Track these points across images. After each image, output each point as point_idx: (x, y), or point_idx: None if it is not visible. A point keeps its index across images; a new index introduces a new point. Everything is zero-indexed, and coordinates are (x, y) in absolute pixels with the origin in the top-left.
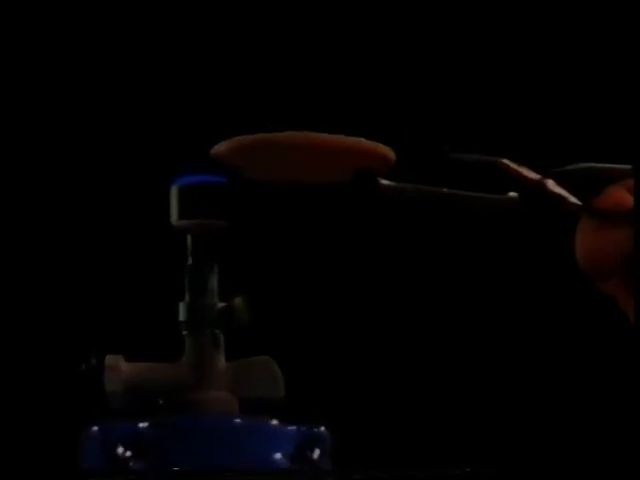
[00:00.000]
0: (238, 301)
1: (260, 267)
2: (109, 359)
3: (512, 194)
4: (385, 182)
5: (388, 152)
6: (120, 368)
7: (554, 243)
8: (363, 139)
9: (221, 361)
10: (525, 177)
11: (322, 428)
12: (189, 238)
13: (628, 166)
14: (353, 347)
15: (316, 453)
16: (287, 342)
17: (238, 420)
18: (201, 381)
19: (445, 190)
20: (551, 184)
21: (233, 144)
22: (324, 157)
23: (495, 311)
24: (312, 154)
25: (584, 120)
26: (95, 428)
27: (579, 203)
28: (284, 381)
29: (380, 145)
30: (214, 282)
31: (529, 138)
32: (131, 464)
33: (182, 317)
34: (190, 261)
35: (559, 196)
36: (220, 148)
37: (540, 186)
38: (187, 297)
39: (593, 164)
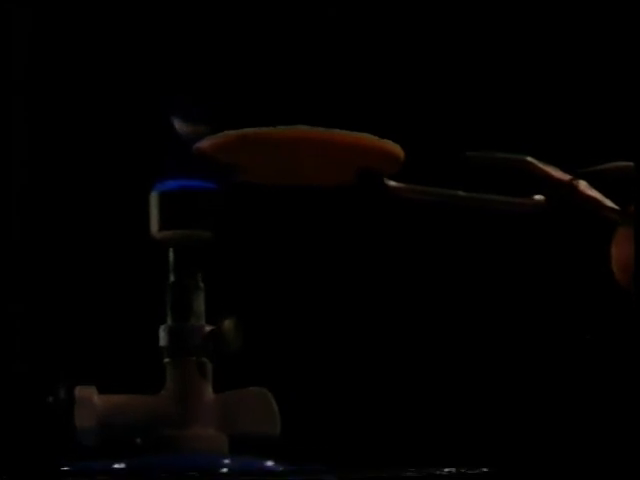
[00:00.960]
0: (228, 324)
1: (253, 284)
2: (80, 391)
3: (538, 197)
4: (393, 183)
5: (396, 149)
6: (92, 401)
7: (586, 253)
8: (367, 134)
9: (208, 393)
10: (553, 178)
11: (325, 471)
12: (171, 252)
13: None
14: (361, 378)
15: None
16: (285, 371)
17: (227, 461)
18: (185, 416)
19: (461, 193)
20: (583, 185)
21: (218, 140)
22: (322, 155)
23: (513, 320)
24: (308, 151)
25: (607, 115)
26: (65, 469)
27: (616, 208)
28: (281, 416)
29: (387, 141)
30: (200, 302)
31: (549, 135)
32: None
33: (163, 342)
34: (172, 278)
35: (593, 199)
36: (203, 145)
37: (571, 188)
38: (169, 319)
39: (627, 162)
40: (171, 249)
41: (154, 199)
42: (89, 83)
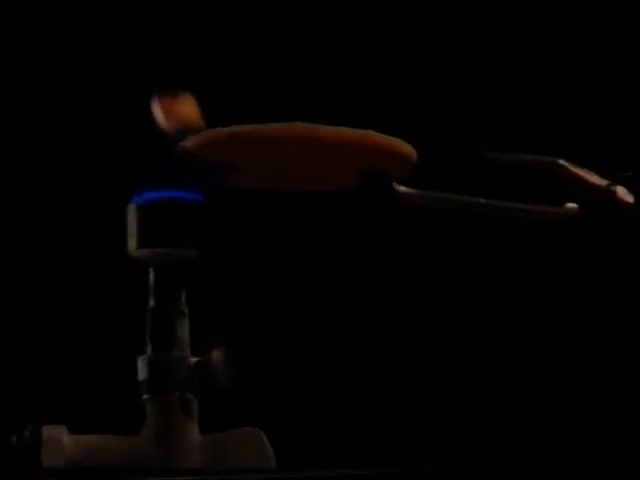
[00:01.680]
0: (216, 354)
1: (245, 308)
2: (49, 430)
3: (571, 205)
4: (403, 189)
5: (406, 149)
6: (62, 442)
7: (624, 266)
8: (373, 132)
9: (193, 433)
10: (589, 183)
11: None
12: (151, 272)
13: None
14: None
15: None
16: (280, 409)
17: None
18: (167, 459)
19: (482, 200)
20: (622, 192)
21: (206, 138)
22: (322, 156)
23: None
24: (306, 152)
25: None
26: None
27: None
28: (275, 459)
29: (396, 140)
30: (184, 329)
31: (580, 137)
32: None
33: (142, 376)
34: (152, 302)
35: (634, 207)
36: (190, 143)
37: (609, 194)
38: (149, 350)
39: None
40: (151, 269)
41: (132, 212)
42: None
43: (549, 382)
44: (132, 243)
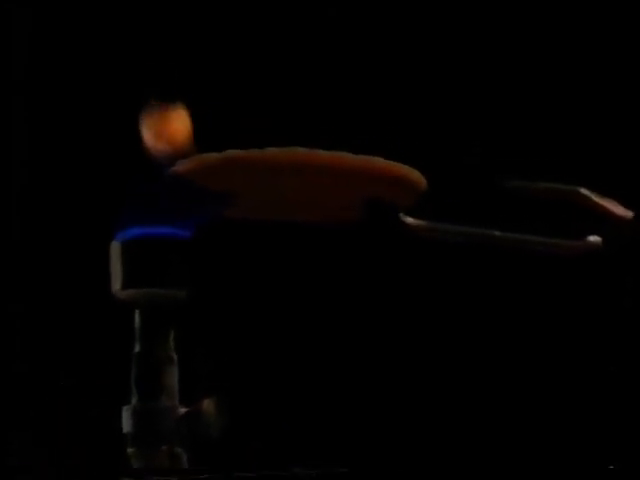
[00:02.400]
0: (207, 404)
1: (239, 353)
2: None
3: (593, 238)
4: (410, 220)
5: (414, 176)
6: None
7: None
8: (378, 158)
9: None
10: (613, 214)
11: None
12: (137, 314)
13: None
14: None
15: None
16: (278, 460)
17: None
18: None
19: (497, 233)
20: None
21: (196, 164)
22: (323, 184)
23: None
24: (306, 179)
25: None
26: None
27: None
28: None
29: (403, 166)
30: (173, 377)
31: (602, 165)
32: None
33: (127, 428)
34: (138, 347)
35: None
36: (178, 169)
37: (634, 227)
38: (134, 399)
39: None
40: (137, 311)
41: (116, 250)
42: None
43: (568, 414)
44: (116, 283)
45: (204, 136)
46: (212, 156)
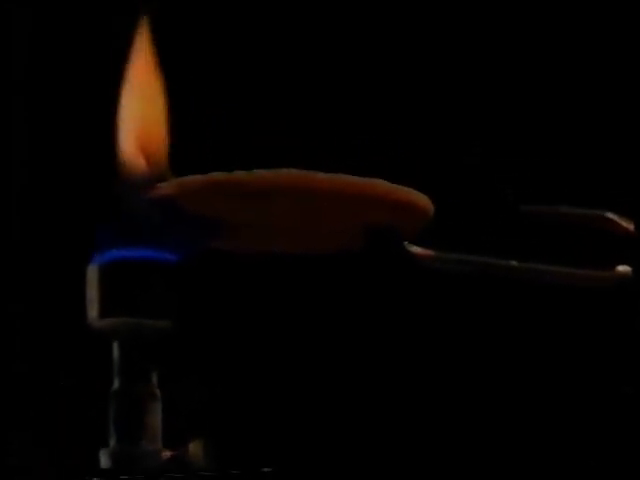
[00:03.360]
0: (194, 447)
1: (227, 391)
2: None
3: (623, 267)
4: (417, 249)
5: (421, 201)
6: None
7: None
8: (381, 181)
9: None
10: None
11: None
12: (115, 346)
13: None
14: None
15: None
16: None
17: None
18: None
19: (514, 263)
20: None
21: (174, 188)
22: (319, 210)
23: None
24: (299, 205)
25: None
26: None
27: None
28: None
29: (409, 190)
30: (155, 417)
31: (626, 185)
32: None
33: None
34: (117, 384)
35: None
36: (157, 193)
37: None
38: (112, 441)
39: None
40: (115, 343)
41: (92, 274)
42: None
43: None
44: (92, 311)
45: (186, 156)
46: (195, 179)
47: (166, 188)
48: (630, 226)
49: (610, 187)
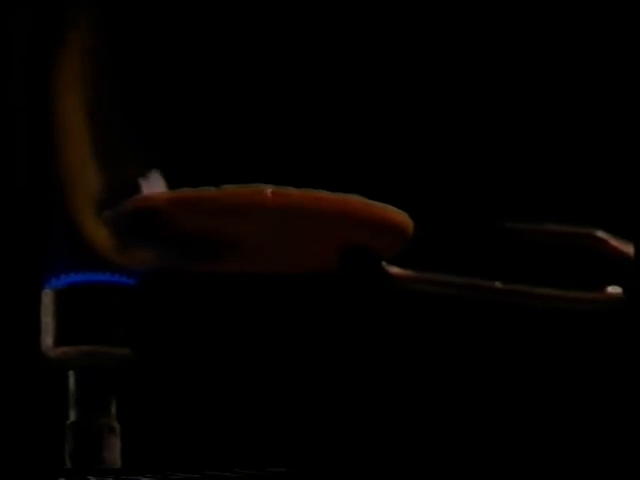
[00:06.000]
0: None
1: (192, 422)
2: None
3: (613, 288)
4: (395, 270)
5: (400, 218)
6: None
7: None
8: (357, 197)
9: None
10: (635, 260)
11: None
12: (71, 376)
13: None
14: None
15: None
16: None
17: None
18: None
19: (498, 284)
20: None
21: (137, 205)
22: (291, 228)
23: None
24: (270, 223)
25: None
26: None
27: None
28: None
29: (387, 207)
30: (114, 450)
31: (618, 204)
32: None
33: None
34: (73, 416)
35: None
36: (118, 211)
37: None
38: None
39: None
40: (71, 372)
41: (47, 299)
42: None
43: None
44: (47, 339)
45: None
46: (159, 196)
47: (130, 204)
48: (621, 245)
49: (600, 204)
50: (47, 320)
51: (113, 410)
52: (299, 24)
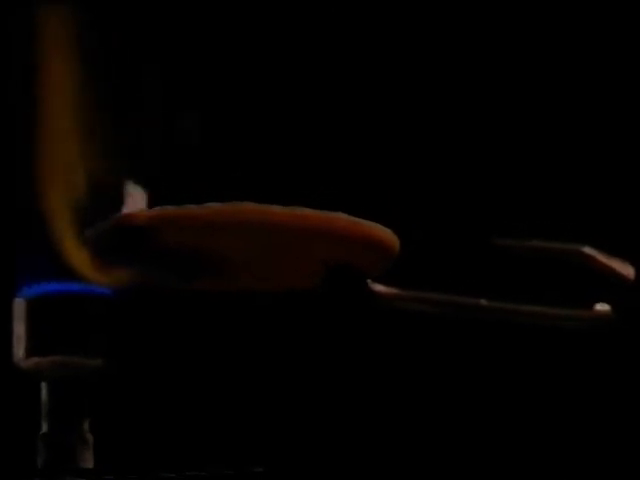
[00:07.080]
0: None
1: (168, 435)
2: None
3: (601, 306)
4: (381, 288)
5: (385, 236)
6: None
7: None
8: (342, 214)
9: None
10: (623, 277)
11: None
12: (44, 388)
13: None
14: None
15: None
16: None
17: None
18: None
19: (484, 302)
20: None
21: (118, 223)
22: (275, 246)
23: None
24: (254, 241)
25: None
26: None
27: None
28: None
29: (372, 224)
30: (87, 463)
31: (606, 220)
32: None
33: None
34: (45, 428)
35: None
36: (90, 234)
37: None
38: None
39: None
40: (43, 384)
41: (19, 308)
42: None
43: None
44: (19, 350)
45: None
46: (142, 213)
47: (111, 222)
48: (609, 262)
49: (587, 220)
50: (19, 330)
51: (86, 422)
52: (262, 43)
